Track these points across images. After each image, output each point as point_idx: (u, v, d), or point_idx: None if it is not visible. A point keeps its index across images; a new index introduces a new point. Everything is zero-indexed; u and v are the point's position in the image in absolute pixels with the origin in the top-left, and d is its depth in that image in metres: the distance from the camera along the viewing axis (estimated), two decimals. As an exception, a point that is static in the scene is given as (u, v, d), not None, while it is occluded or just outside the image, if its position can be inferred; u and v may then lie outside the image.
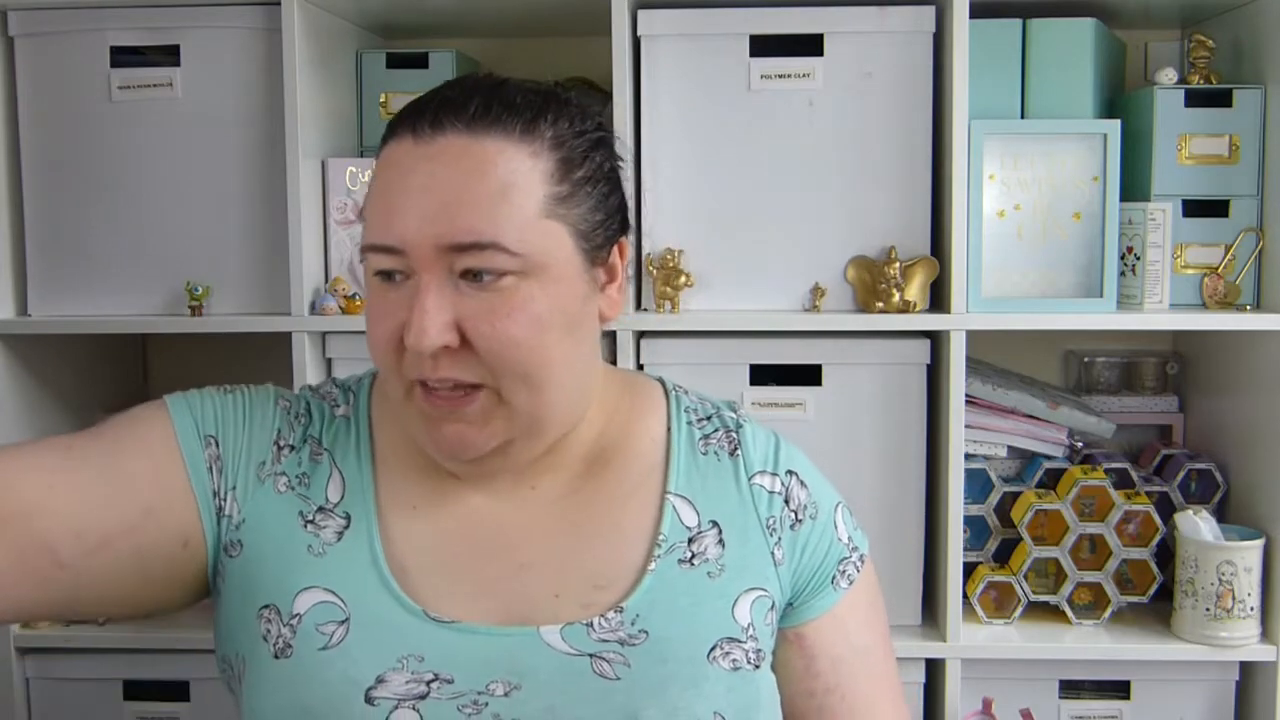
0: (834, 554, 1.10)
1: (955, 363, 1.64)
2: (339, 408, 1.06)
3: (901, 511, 1.72)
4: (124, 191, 1.73)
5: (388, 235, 0.91)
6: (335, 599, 0.96)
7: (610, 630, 0.97)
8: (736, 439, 1.09)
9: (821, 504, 1.11)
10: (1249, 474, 1.77)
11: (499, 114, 0.92)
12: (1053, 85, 1.71)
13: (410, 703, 0.93)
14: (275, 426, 1.02)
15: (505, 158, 0.91)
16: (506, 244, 0.90)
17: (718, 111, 1.69)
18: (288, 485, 1.01)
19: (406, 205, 0.90)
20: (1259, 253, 1.72)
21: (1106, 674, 1.75)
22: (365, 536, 0.99)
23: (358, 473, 1.02)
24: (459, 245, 0.89)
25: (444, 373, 0.91)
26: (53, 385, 1.85)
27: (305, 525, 0.99)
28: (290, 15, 1.65)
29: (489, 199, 0.90)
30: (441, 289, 0.90)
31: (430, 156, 0.90)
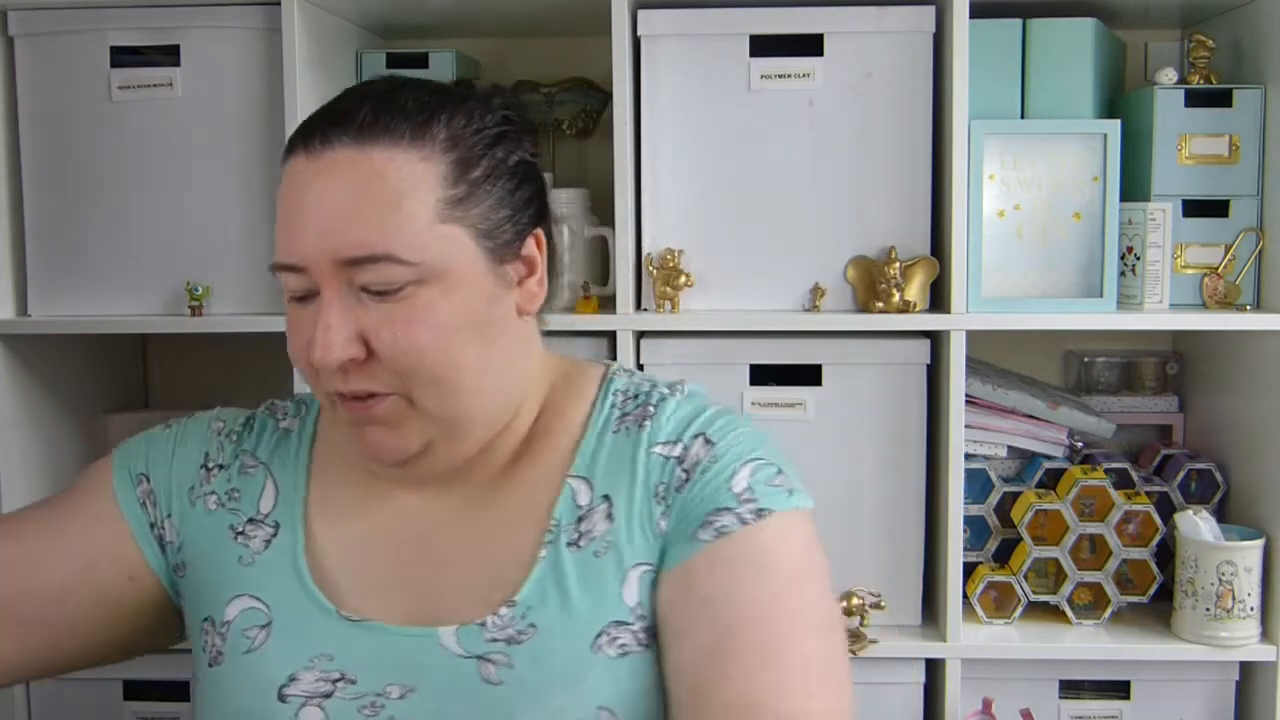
0: (710, 505, 0.96)
1: (955, 363, 1.64)
2: (285, 420, 1.09)
3: (901, 511, 1.72)
4: (124, 191, 1.73)
5: (288, 254, 0.92)
6: (260, 604, 0.99)
7: (501, 628, 0.95)
8: (652, 411, 1.02)
9: (724, 457, 0.99)
10: (1249, 474, 1.77)
11: (387, 121, 0.92)
12: (1053, 85, 1.71)
13: (317, 701, 0.95)
14: (203, 450, 1.07)
15: (395, 166, 0.91)
16: (400, 254, 0.90)
17: (718, 111, 1.69)
18: (217, 502, 1.05)
19: (303, 223, 0.91)
20: (1259, 253, 1.72)
21: (1106, 674, 1.75)
22: (290, 542, 1.02)
23: (291, 482, 1.05)
24: (352, 259, 0.90)
25: (354, 385, 0.92)
26: (53, 385, 1.85)
27: (236, 537, 1.03)
28: (290, 15, 1.65)
29: (380, 210, 0.90)
30: (343, 303, 0.91)
31: (320, 172, 0.91)
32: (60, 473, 1.86)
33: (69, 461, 1.89)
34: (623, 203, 1.66)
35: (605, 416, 1.03)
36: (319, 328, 0.90)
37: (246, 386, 2.01)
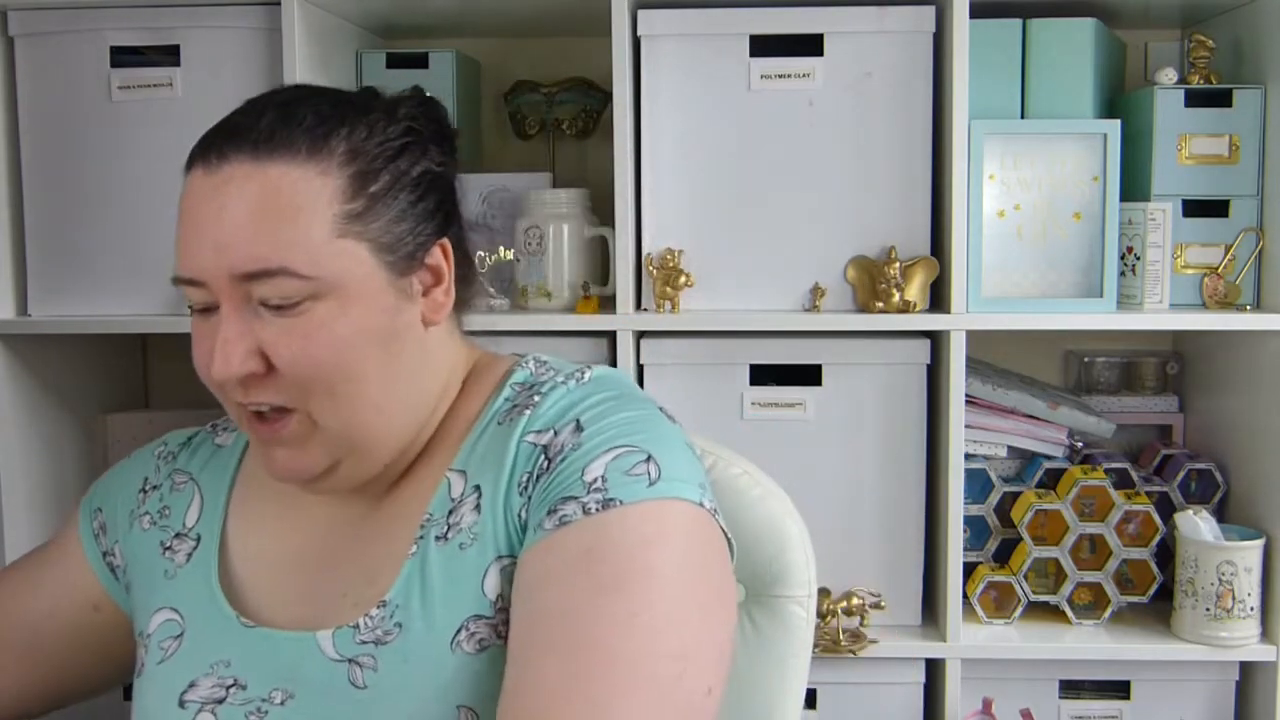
0: (560, 493, 0.91)
1: (955, 363, 1.64)
2: (220, 436, 1.12)
3: (901, 511, 1.72)
4: (124, 191, 1.72)
5: (187, 268, 0.91)
6: (177, 615, 1.02)
7: (372, 629, 0.94)
8: (537, 400, 0.98)
9: (588, 444, 0.93)
10: (1249, 474, 1.77)
11: (284, 136, 0.91)
12: (1053, 85, 1.71)
13: (210, 706, 0.96)
14: (142, 475, 1.11)
15: (290, 181, 0.90)
16: (296, 268, 0.89)
17: (718, 111, 1.69)
18: (150, 521, 1.08)
19: (200, 238, 0.90)
20: (1259, 253, 1.72)
21: (1106, 674, 1.75)
22: (207, 553, 1.04)
23: (216, 494, 1.07)
24: (248, 274, 0.89)
25: (254, 398, 0.92)
26: (53, 385, 1.85)
27: (164, 552, 1.05)
28: (290, 15, 1.65)
29: (275, 225, 0.89)
30: (241, 317, 0.90)
31: (217, 187, 0.90)
32: (60, 473, 1.86)
33: (69, 461, 1.89)
34: (623, 203, 1.66)
35: (496, 409, 1.01)
36: (218, 342, 0.90)
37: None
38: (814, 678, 1.64)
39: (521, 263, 1.75)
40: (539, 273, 1.74)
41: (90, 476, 1.93)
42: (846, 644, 1.68)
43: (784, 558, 1.18)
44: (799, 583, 1.18)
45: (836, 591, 1.69)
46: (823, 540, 1.28)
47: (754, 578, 1.18)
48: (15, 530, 1.76)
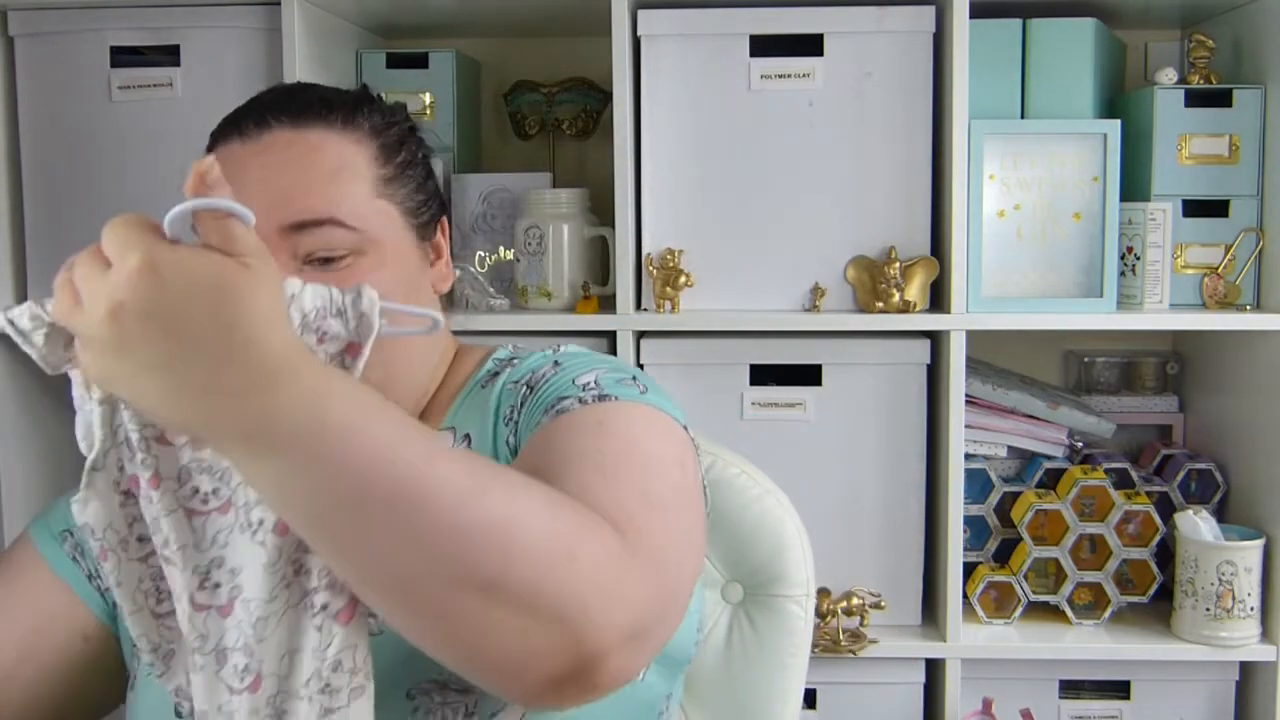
0: (554, 397, 0.92)
1: (955, 363, 1.64)
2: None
3: (901, 511, 1.72)
4: (124, 191, 1.72)
5: None
6: None
7: None
8: (517, 363, 1.02)
9: (569, 366, 0.96)
10: (1249, 474, 1.77)
11: (319, 109, 0.97)
12: (1053, 85, 1.71)
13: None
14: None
15: (331, 144, 0.95)
16: (344, 219, 0.93)
17: (718, 111, 1.69)
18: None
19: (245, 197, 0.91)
20: (1259, 253, 1.72)
21: (1106, 674, 1.75)
22: None
23: None
24: (299, 224, 0.92)
25: None
26: (53, 385, 1.85)
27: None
28: (290, 15, 1.65)
29: (322, 181, 0.94)
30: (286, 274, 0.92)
31: (259, 152, 0.94)
32: (60, 473, 1.87)
33: (69, 461, 1.89)
34: (623, 203, 1.66)
35: (479, 377, 1.04)
36: None
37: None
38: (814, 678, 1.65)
39: (521, 263, 1.75)
40: (539, 273, 1.74)
41: (90, 476, 1.93)
42: (846, 644, 1.68)
43: (782, 557, 1.18)
44: (797, 582, 1.18)
45: (836, 591, 1.69)
46: (823, 540, 1.28)
47: (752, 577, 1.18)
48: (15, 530, 1.76)
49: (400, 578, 0.67)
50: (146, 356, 0.63)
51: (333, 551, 0.68)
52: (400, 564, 0.66)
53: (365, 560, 0.67)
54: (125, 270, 0.64)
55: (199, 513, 0.70)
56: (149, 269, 0.64)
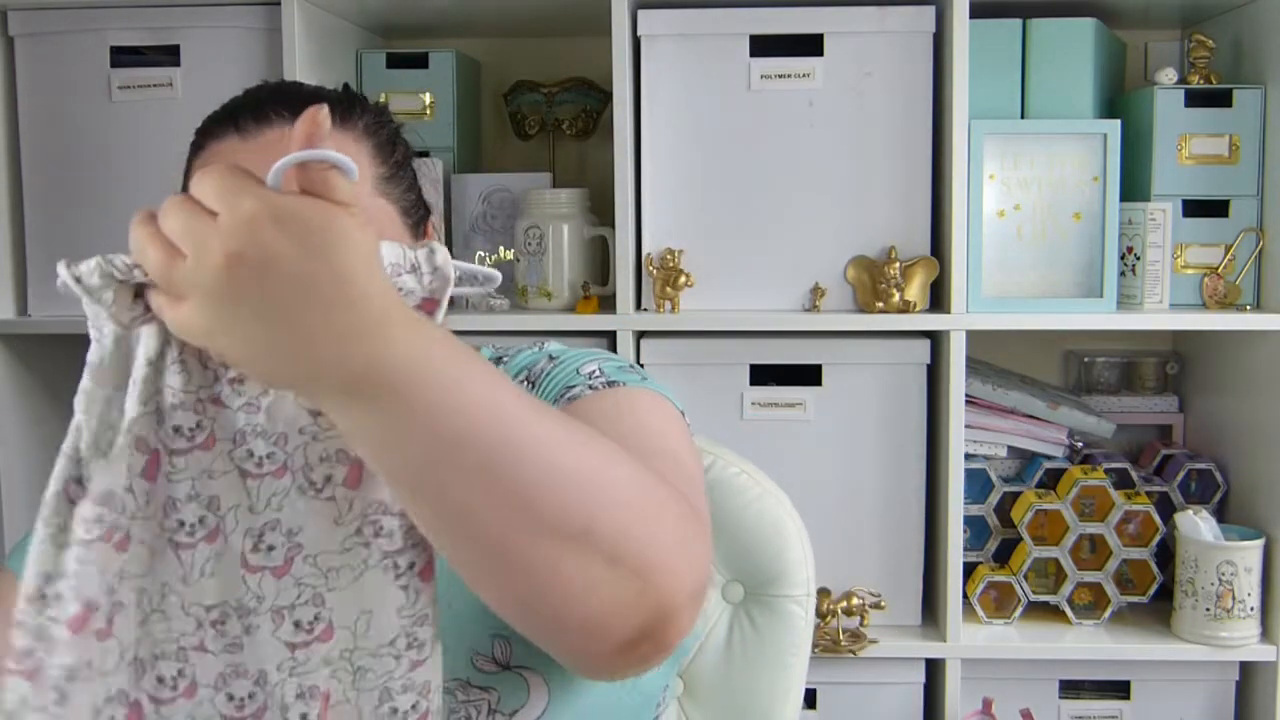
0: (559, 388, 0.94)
1: (955, 363, 1.64)
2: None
3: (901, 511, 1.72)
4: (124, 191, 1.72)
5: None
6: None
7: None
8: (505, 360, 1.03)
9: (566, 359, 0.98)
10: (1249, 474, 1.77)
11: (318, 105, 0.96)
12: (1053, 85, 1.71)
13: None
14: None
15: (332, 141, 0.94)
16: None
17: (718, 111, 1.69)
18: None
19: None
20: (1259, 253, 1.72)
21: (1106, 674, 1.75)
22: None
23: None
24: None
25: None
26: (53, 385, 1.85)
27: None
28: (290, 15, 1.65)
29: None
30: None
31: (261, 149, 0.92)
32: (60, 473, 1.86)
33: (69, 461, 1.89)
34: (623, 203, 1.66)
35: None
36: None
37: (246, 386, 2.02)
38: (814, 678, 1.65)
39: (521, 263, 1.75)
40: (539, 273, 1.74)
41: (90, 476, 1.93)
42: (846, 644, 1.68)
43: (783, 557, 1.18)
44: (798, 582, 1.18)
45: (836, 591, 1.69)
46: (823, 540, 1.28)
47: (753, 577, 1.18)
48: (15, 530, 1.76)
49: (492, 530, 0.67)
50: (259, 304, 0.62)
51: (424, 503, 0.67)
52: (494, 515, 0.66)
53: (458, 511, 0.67)
54: (240, 216, 0.62)
55: (253, 475, 0.70)
56: (267, 215, 0.62)
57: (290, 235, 0.63)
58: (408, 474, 0.66)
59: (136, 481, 0.69)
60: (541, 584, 0.68)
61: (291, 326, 0.63)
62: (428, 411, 0.64)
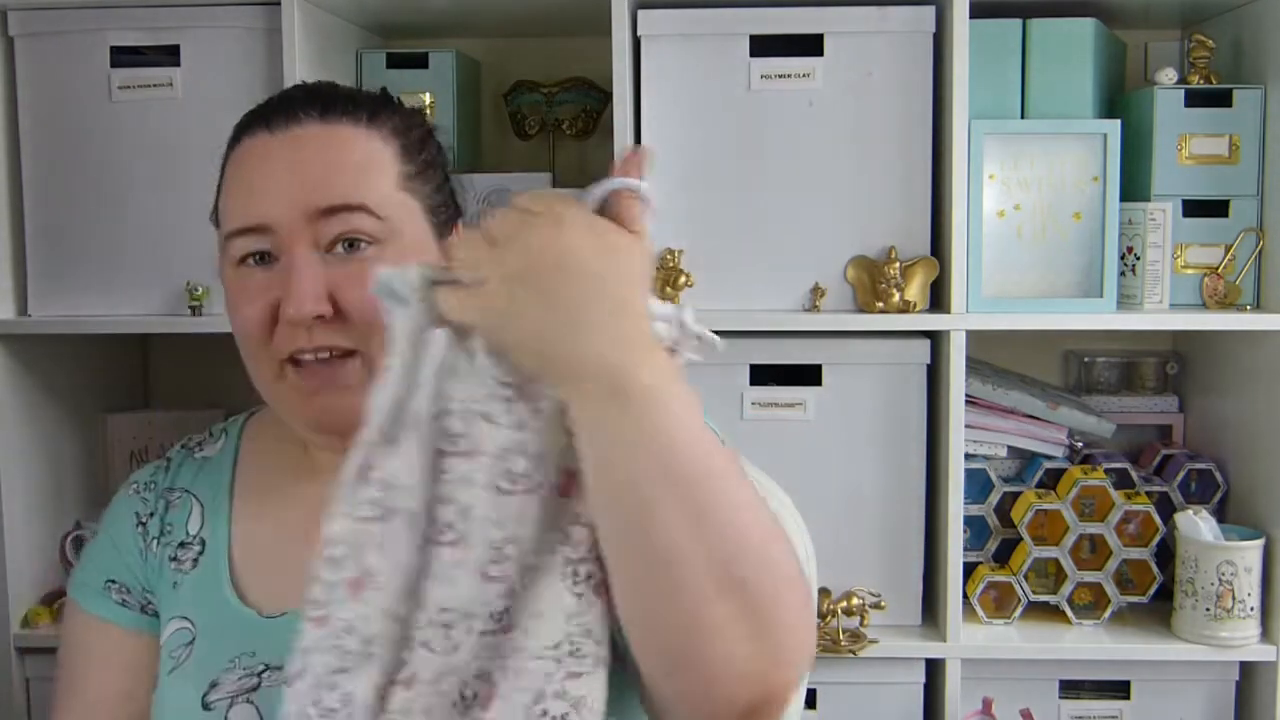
0: None
1: (955, 363, 1.64)
2: (203, 450, 1.12)
3: (901, 511, 1.72)
4: (124, 191, 1.72)
5: (253, 216, 0.96)
6: (187, 623, 1.02)
7: None
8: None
9: None
10: (1249, 474, 1.77)
11: (346, 106, 1.00)
12: (1053, 85, 1.71)
13: (244, 696, 0.96)
14: (134, 512, 1.09)
15: (358, 139, 0.99)
16: (373, 207, 0.96)
17: (718, 111, 1.68)
18: (157, 543, 1.07)
19: (272, 186, 0.96)
20: (1259, 253, 1.72)
21: (1106, 674, 1.75)
22: (214, 556, 1.04)
23: (214, 498, 1.07)
24: (330, 208, 0.94)
25: (319, 341, 0.95)
26: (53, 385, 1.85)
27: (172, 564, 1.05)
28: (290, 15, 1.65)
29: (352, 170, 0.97)
30: (312, 260, 0.94)
31: (289, 143, 0.97)
32: (60, 473, 1.86)
33: (69, 461, 1.89)
34: (623, 203, 1.66)
35: None
36: (292, 281, 0.93)
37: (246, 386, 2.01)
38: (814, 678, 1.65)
39: (521, 263, 1.75)
40: (539, 273, 1.74)
41: (90, 476, 1.93)
42: (846, 644, 1.68)
43: (784, 557, 1.18)
44: (799, 583, 1.18)
45: (836, 591, 1.69)
46: (823, 540, 1.28)
47: (754, 577, 1.18)
48: (15, 530, 1.76)
49: (671, 557, 0.72)
50: (553, 295, 0.71)
51: (624, 517, 0.73)
52: (679, 543, 0.72)
53: (648, 530, 0.72)
54: (556, 215, 0.73)
55: (504, 491, 0.75)
56: (585, 225, 0.73)
57: (595, 240, 0.73)
58: (622, 485, 0.72)
59: (415, 473, 0.75)
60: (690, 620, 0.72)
61: (575, 319, 0.72)
62: (664, 429, 0.72)
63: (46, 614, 1.76)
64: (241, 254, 0.97)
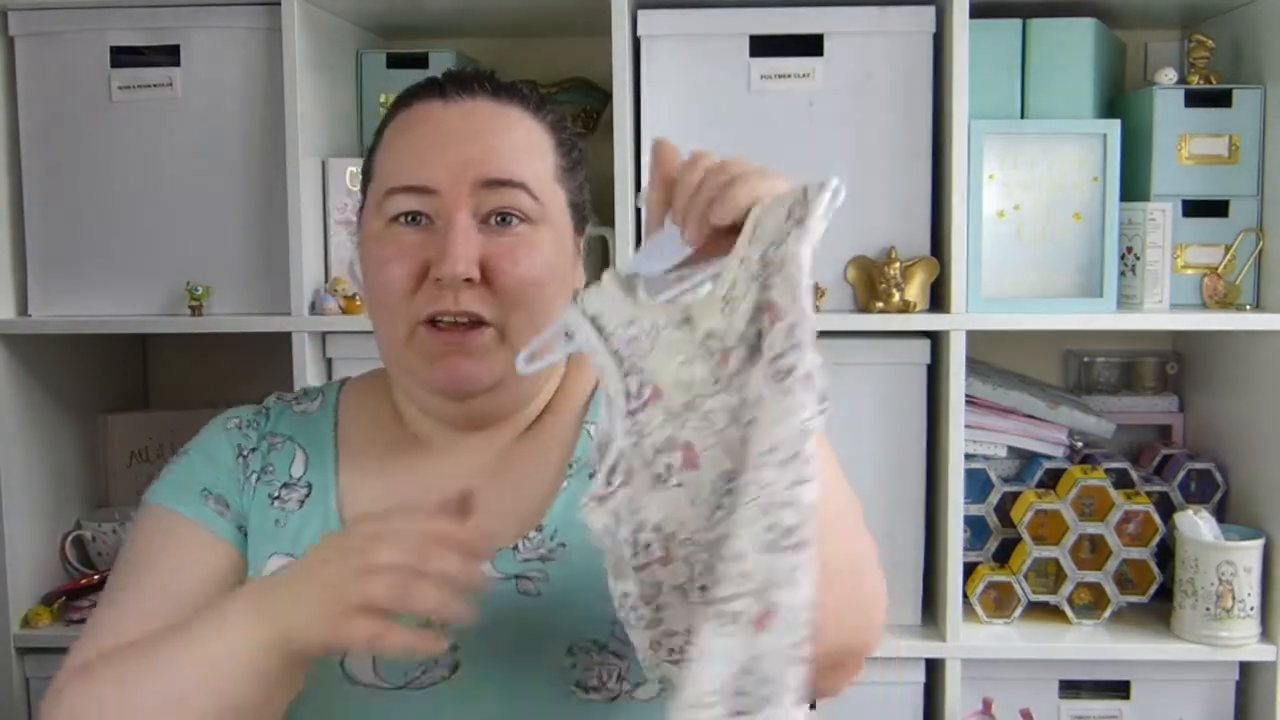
0: None
1: (955, 363, 1.64)
2: (301, 405, 1.13)
3: (901, 511, 1.72)
4: (124, 191, 1.73)
5: (420, 177, 0.99)
6: (293, 558, 1.02)
7: (533, 549, 1.01)
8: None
9: None
10: (1249, 474, 1.77)
11: (516, 90, 1.05)
12: (1053, 85, 1.71)
13: None
14: (234, 444, 1.10)
15: (525, 123, 1.04)
16: (532, 188, 1.01)
17: (718, 111, 1.68)
18: (257, 479, 1.08)
19: (441, 150, 1.00)
20: (1259, 253, 1.72)
21: (1106, 674, 1.75)
22: (323, 499, 1.06)
23: (320, 448, 1.09)
24: (494, 180, 0.99)
25: (465, 306, 0.99)
26: (53, 385, 1.85)
27: (273, 503, 1.06)
28: (290, 15, 1.65)
29: (517, 150, 1.01)
30: (470, 226, 0.99)
31: (463, 114, 1.01)
32: (60, 473, 1.87)
33: (69, 461, 1.89)
34: (623, 203, 1.66)
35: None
36: (449, 243, 0.97)
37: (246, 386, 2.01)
38: (814, 678, 1.64)
39: (521, 263, 1.75)
40: (539, 273, 1.74)
41: (90, 476, 1.93)
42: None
43: (784, 558, 1.18)
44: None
45: (836, 591, 1.69)
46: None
47: (754, 578, 1.18)
48: (15, 530, 1.76)
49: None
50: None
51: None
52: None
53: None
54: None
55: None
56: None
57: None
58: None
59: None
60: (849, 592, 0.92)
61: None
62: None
63: (46, 614, 1.76)
64: (398, 211, 1.00)
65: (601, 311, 0.82)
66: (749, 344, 0.79)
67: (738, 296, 0.79)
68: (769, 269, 0.80)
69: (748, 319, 0.79)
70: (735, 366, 0.77)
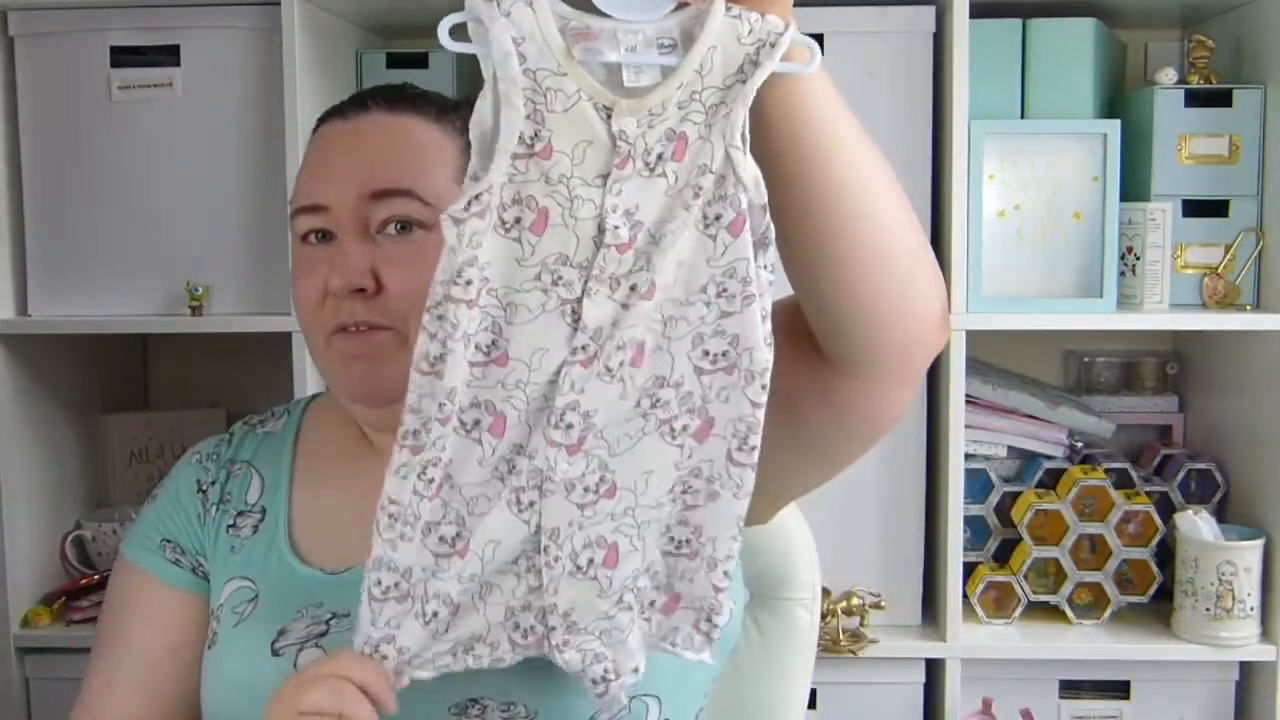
0: None
1: (955, 363, 1.64)
2: (266, 426, 1.16)
3: (901, 511, 1.72)
4: (124, 191, 1.72)
5: (315, 195, 1.02)
6: (248, 582, 1.05)
7: None
8: None
9: None
10: (1249, 474, 1.77)
11: (416, 101, 1.05)
12: (1053, 85, 1.71)
13: (313, 642, 0.99)
14: (194, 480, 1.13)
15: (420, 130, 1.03)
16: (421, 193, 1.00)
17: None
18: (217, 509, 1.11)
19: (332, 168, 1.02)
20: (1259, 253, 1.72)
21: (1106, 674, 1.75)
22: (273, 523, 1.07)
23: (276, 470, 1.11)
24: (378, 191, 0.99)
25: (360, 316, 1.00)
26: (53, 385, 1.85)
27: (229, 532, 1.09)
28: (290, 15, 1.65)
29: (406, 157, 1.02)
30: (362, 239, 1.00)
31: (355, 129, 1.03)
32: (60, 473, 1.86)
33: (69, 461, 1.89)
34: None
35: None
36: (339, 256, 1.00)
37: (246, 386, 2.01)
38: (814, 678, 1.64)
39: (521, 263, 1.75)
40: (539, 273, 1.74)
41: (90, 476, 1.93)
42: (846, 644, 1.68)
43: (788, 561, 1.18)
44: (803, 585, 1.18)
45: (837, 592, 1.69)
46: (823, 541, 1.28)
47: (758, 580, 1.18)
48: (15, 530, 1.76)
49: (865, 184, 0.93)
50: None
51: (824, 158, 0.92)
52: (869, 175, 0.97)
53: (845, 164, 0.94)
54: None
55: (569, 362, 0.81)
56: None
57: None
58: (823, 120, 0.91)
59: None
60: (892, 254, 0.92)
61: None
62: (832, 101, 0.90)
63: (46, 614, 1.76)
64: (303, 231, 1.03)
65: (529, 37, 0.79)
66: (649, 164, 0.80)
67: (663, 115, 0.80)
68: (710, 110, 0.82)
69: (661, 139, 0.80)
70: (628, 174, 0.79)
